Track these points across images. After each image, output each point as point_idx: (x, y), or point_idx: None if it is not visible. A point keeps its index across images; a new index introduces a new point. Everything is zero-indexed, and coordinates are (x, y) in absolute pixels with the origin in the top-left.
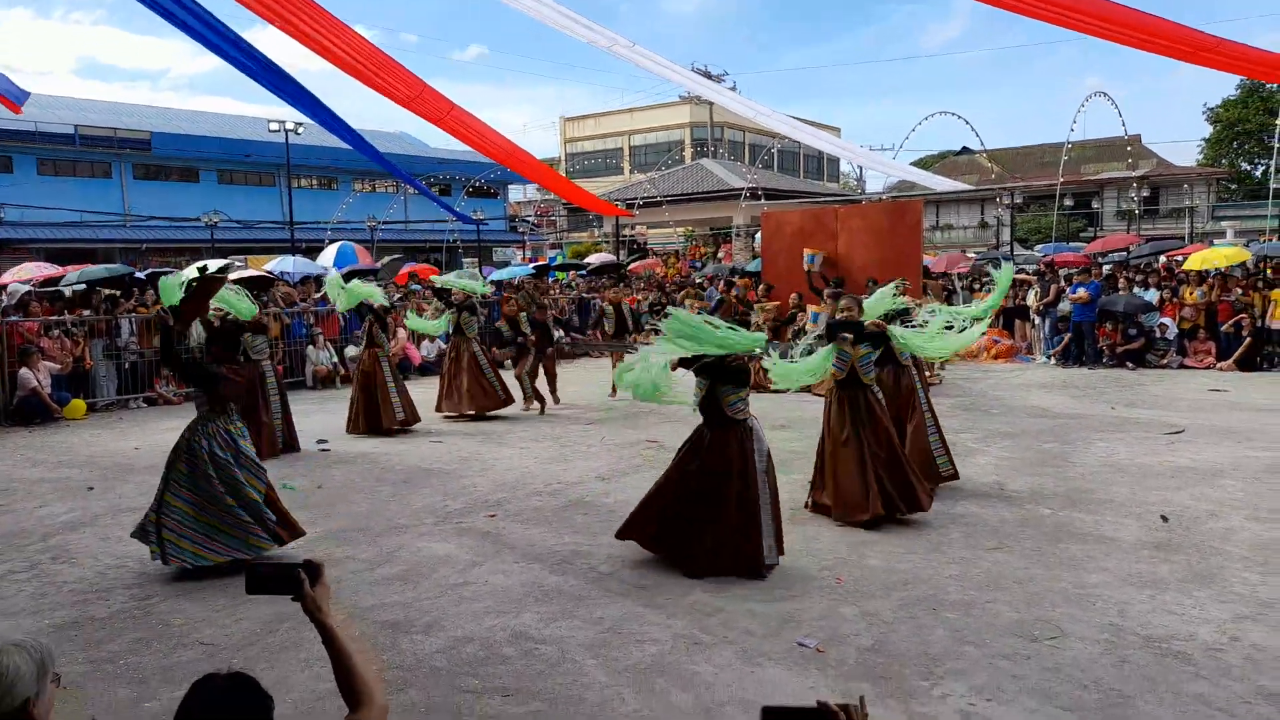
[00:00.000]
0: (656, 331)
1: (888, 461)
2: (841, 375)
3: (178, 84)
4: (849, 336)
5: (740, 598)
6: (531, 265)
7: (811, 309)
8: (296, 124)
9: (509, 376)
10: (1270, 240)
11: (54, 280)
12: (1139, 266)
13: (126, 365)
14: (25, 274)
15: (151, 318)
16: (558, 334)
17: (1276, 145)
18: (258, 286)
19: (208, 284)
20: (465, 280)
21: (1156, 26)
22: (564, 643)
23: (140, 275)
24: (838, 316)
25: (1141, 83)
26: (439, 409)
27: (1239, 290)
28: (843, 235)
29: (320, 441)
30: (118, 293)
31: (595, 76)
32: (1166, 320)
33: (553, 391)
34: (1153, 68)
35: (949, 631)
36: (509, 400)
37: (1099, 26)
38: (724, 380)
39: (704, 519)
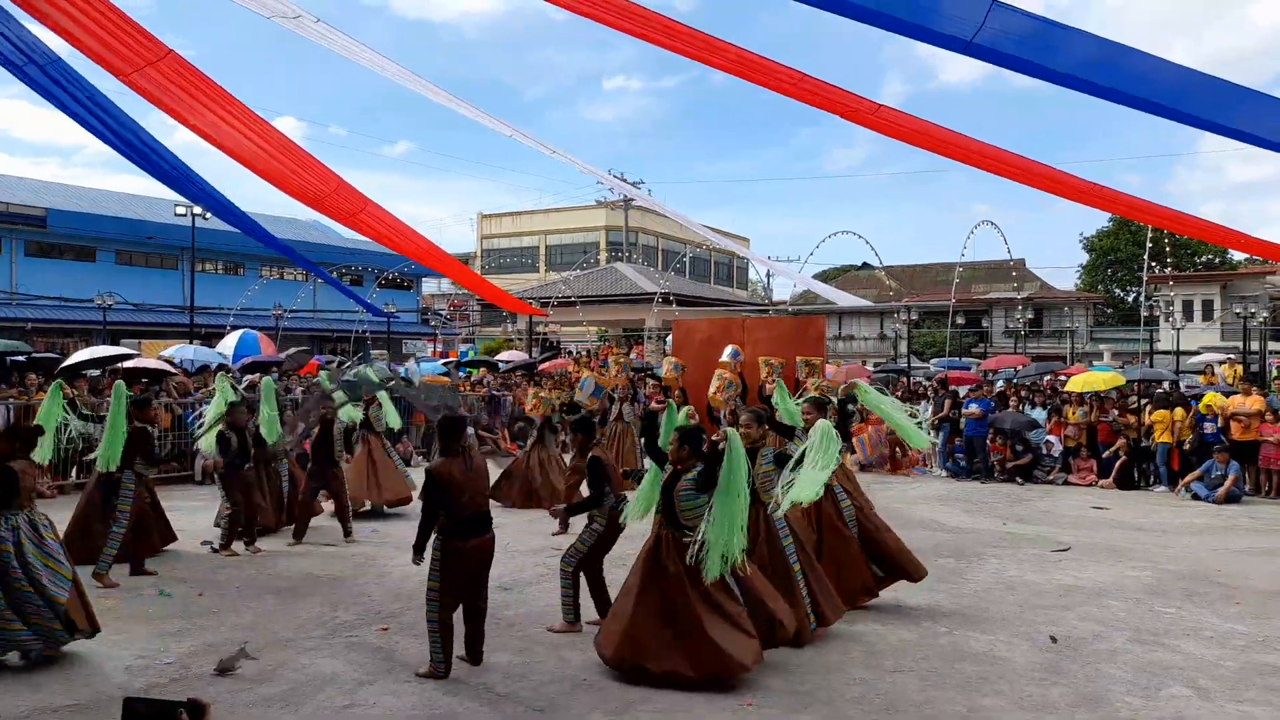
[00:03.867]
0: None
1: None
2: None
3: (91, 161)
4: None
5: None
6: (442, 360)
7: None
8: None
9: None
10: (1141, 364)
11: None
12: (1028, 385)
13: None
14: None
15: (32, 404)
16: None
17: (1144, 276)
18: (150, 377)
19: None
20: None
21: (1032, 167)
22: None
23: (20, 357)
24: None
25: (1025, 210)
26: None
27: (1115, 412)
28: (749, 346)
29: (205, 542)
30: None
31: (514, 177)
32: (1052, 438)
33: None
34: (1035, 197)
35: None
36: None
37: (986, 161)
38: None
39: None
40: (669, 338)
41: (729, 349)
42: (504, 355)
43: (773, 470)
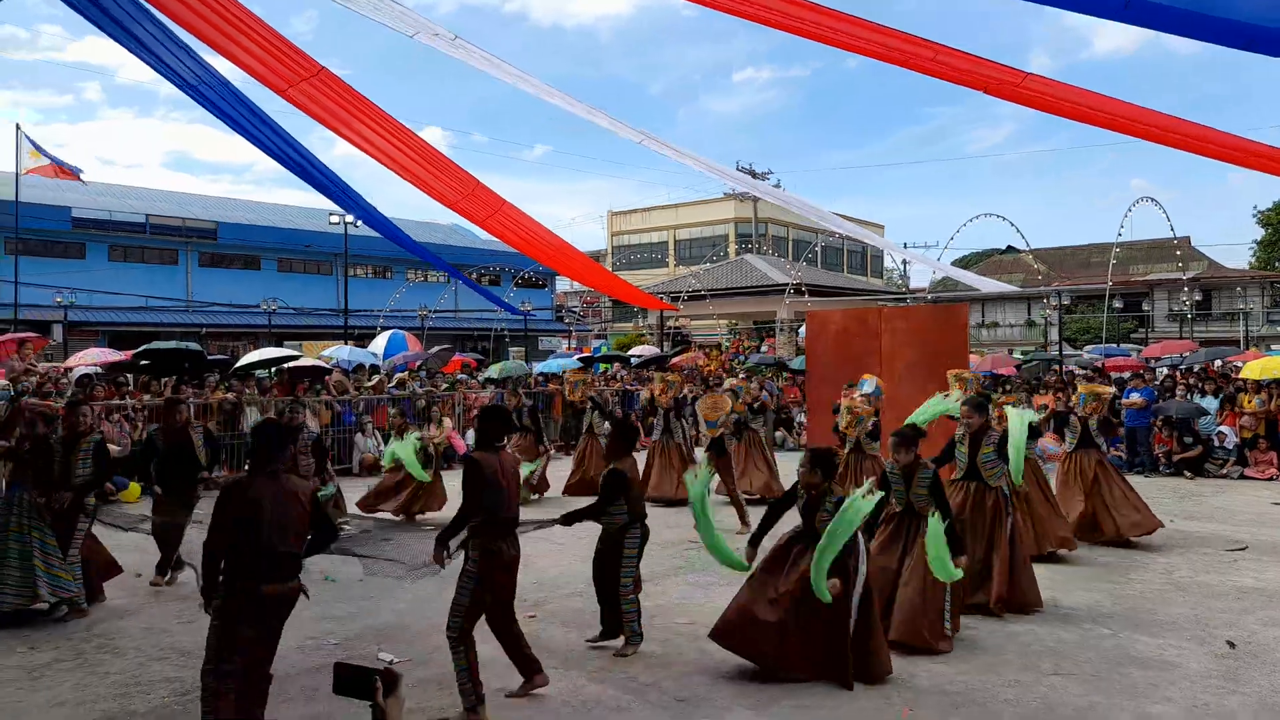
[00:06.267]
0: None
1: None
2: (899, 507)
3: (260, 178)
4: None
5: (784, 717)
6: (576, 356)
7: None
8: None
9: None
10: None
11: (119, 365)
12: (1196, 372)
13: None
14: (90, 359)
15: (213, 403)
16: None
17: None
18: (312, 376)
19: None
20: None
21: (1200, 133)
22: None
23: (210, 356)
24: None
25: (1188, 185)
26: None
27: None
28: (886, 335)
29: (365, 530)
30: (178, 377)
31: (645, 173)
32: (1226, 429)
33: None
34: (1200, 171)
35: None
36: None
37: (1147, 129)
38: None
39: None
40: (801, 329)
41: (870, 382)
42: (636, 350)
43: (927, 494)
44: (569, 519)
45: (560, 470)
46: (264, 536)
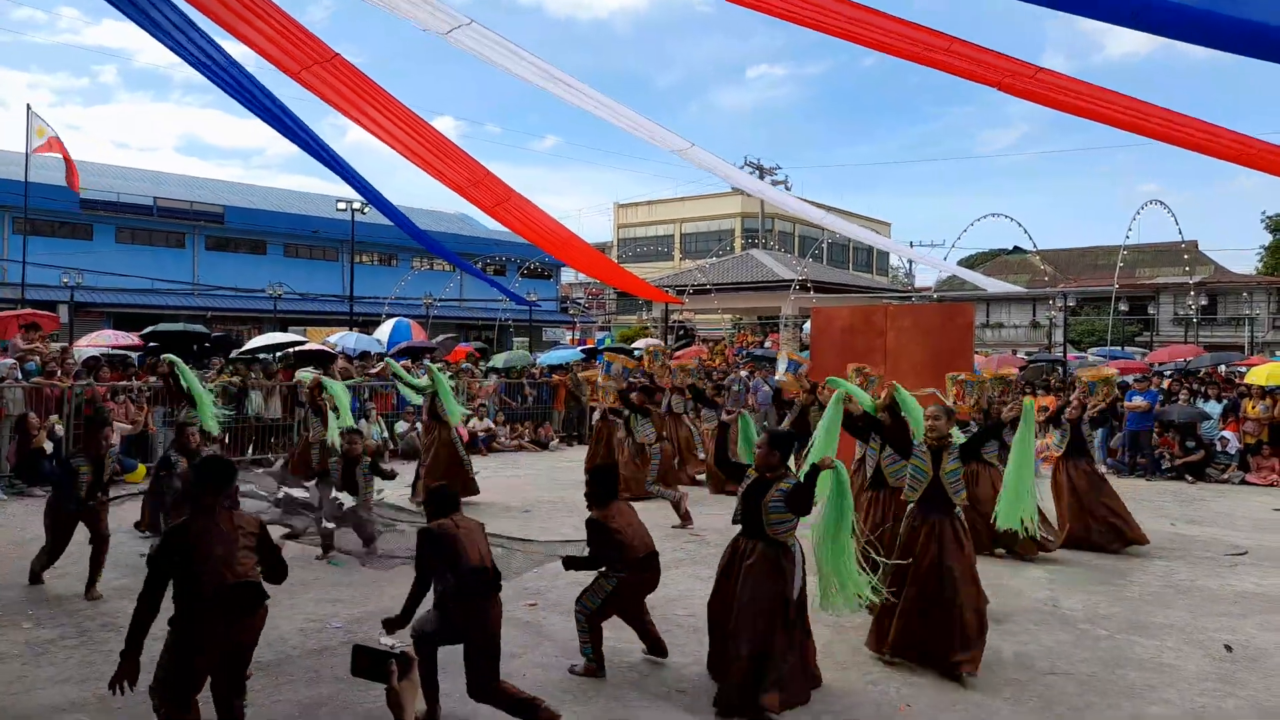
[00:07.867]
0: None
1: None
2: (915, 494)
3: (269, 163)
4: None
5: (786, 714)
6: (580, 348)
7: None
8: (362, 204)
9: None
10: None
11: (129, 347)
12: (1201, 377)
13: None
14: (102, 341)
15: (219, 388)
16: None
17: None
18: (317, 361)
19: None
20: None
21: (1216, 131)
22: None
23: (211, 336)
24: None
25: (1198, 189)
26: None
27: None
28: (892, 333)
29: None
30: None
31: (653, 166)
32: (1229, 434)
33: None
34: (1209, 174)
35: None
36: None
37: (1158, 127)
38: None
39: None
40: (806, 325)
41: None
42: (640, 343)
43: (959, 468)
44: (570, 563)
45: (558, 467)
46: (208, 575)
